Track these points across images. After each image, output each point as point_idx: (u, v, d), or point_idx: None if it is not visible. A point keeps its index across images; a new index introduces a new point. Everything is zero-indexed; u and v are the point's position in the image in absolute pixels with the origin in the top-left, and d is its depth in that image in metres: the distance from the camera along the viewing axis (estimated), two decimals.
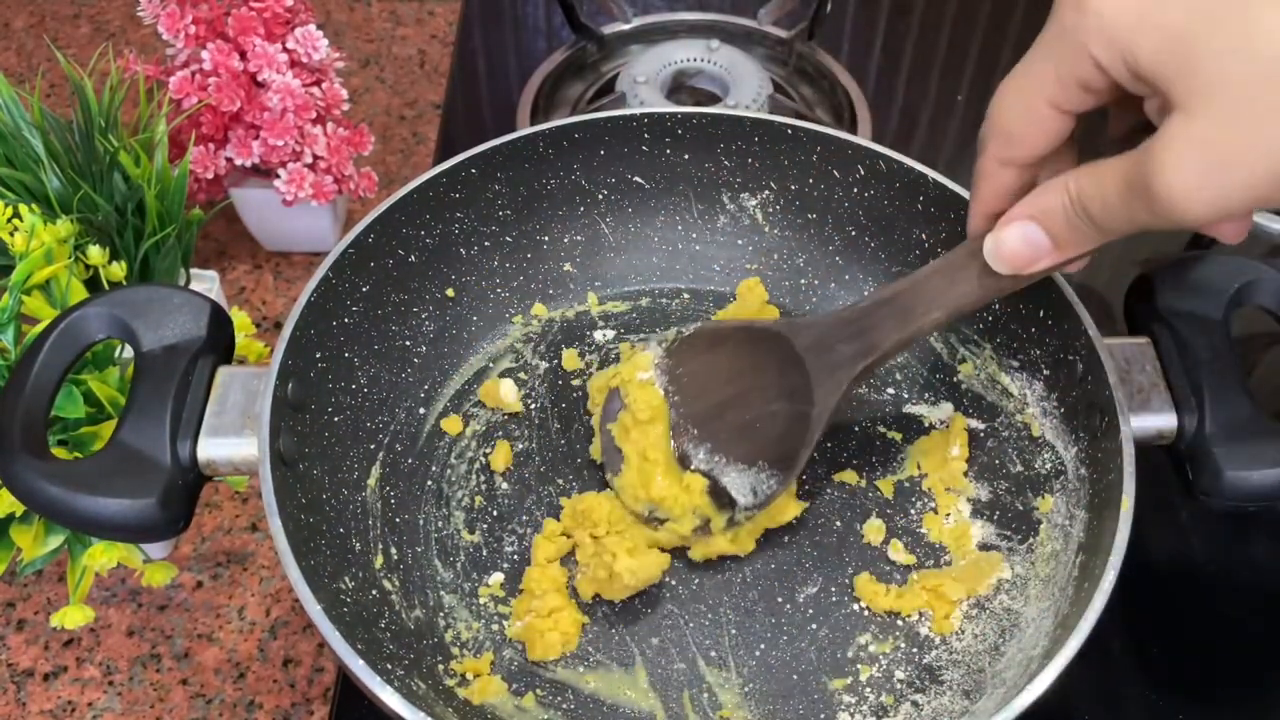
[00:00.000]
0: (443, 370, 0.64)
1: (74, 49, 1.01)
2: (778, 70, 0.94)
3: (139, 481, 0.47)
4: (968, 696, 0.51)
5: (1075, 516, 0.53)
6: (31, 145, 0.64)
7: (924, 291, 0.50)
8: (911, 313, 0.51)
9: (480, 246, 0.64)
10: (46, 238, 0.58)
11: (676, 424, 0.56)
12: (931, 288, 0.50)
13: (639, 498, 0.55)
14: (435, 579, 0.56)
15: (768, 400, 0.55)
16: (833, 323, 0.53)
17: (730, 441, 0.55)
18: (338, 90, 0.75)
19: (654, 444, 0.56)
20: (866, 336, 0.52)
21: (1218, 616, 0.63)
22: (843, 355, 0.52)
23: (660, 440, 0.56)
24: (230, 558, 0.67)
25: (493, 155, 0.62)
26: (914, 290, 0.51)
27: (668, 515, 0.55)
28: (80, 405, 0.54)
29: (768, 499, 0.54)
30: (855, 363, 0.52)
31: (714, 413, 0.56)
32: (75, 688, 0.62)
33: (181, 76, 0.72)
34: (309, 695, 0.61)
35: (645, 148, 0.65)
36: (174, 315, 0.51)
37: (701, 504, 0.54)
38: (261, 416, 0.49)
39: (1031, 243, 0.44)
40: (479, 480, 0.60)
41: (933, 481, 0.59)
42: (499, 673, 0.53)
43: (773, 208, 0.67)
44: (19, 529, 0.54)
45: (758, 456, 0.54)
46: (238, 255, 0.83)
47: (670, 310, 0.68)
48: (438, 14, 1.05)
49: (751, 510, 0.54)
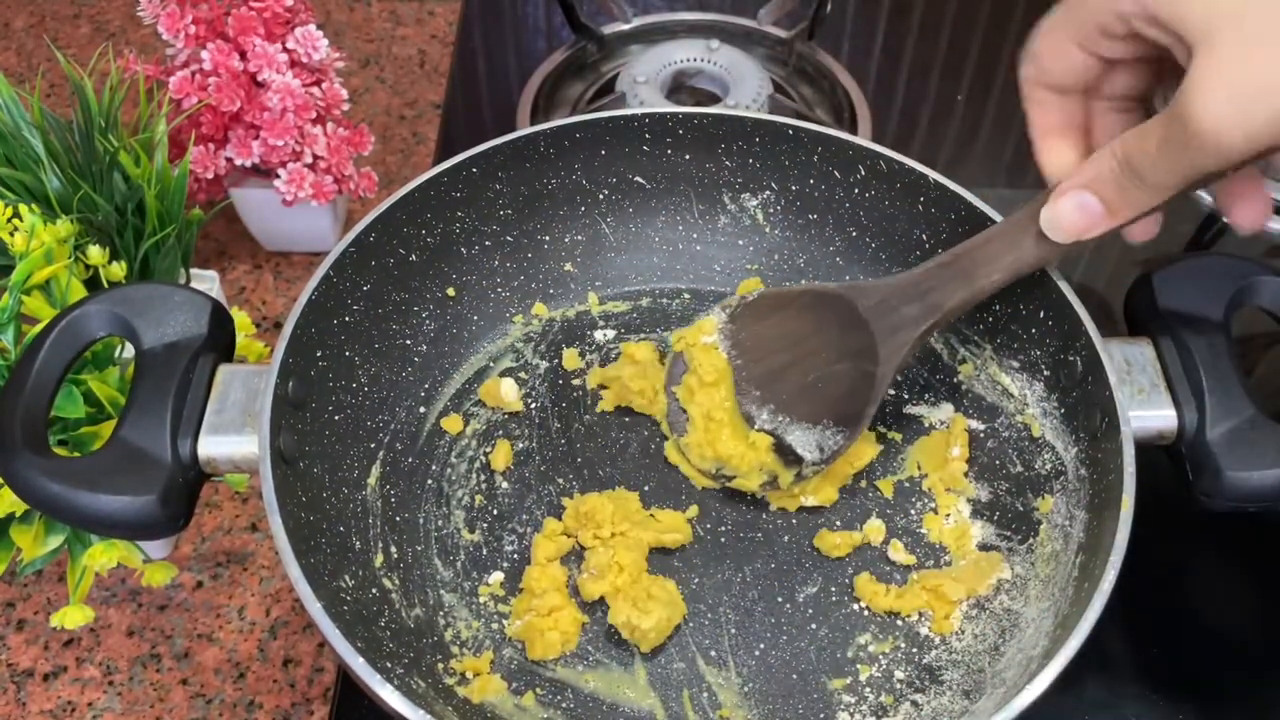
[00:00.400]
0: (443, 369, 0.64)
1: (74, 49, 1.01)
2: (778, 70, 0.94)
3: (139, 479, 0.47)
4: (968, 696, 0.51)
5: (1075, 517, 0.53)
6: (31, 145, 0.64)
7: (985, 254, 0.53)
8: (973, 275, 0.53)
9: (481, 246, 0.64)
10: (46, 238, 0.58)
11: (740, 386, 0.59)
12: (992, 251, 0.52)
13: (706, 456, 0.58)
14: (435, 578, 0.56)
15: (830, 361, 0.56)
16: (896, 285, 0.55)
17: (794, 402, 0.57)
18: (338, 90, 0.75)
19: (719, 405, 0.58)
20: (929, 297, 0.54)
21: (1218, 616, 0.63)
22: (906, 316, 0.54)
23: (725, 401, 0.58)
24: (230, 558, 0.67)
25: (494, 155, 0.62)
26: (975, 253, 0.53)
27: (735, 472, 0.57)
28: (80, 405, 0.54)
29: (834, 454, 0.56)
30: (919, 323, 0.54)
31: (777, 374, 0.58)
32: (75, 688, 0.62)
33: (181, 76, 0.72)
34: (309, 695, 0.61)
35: (646, 148, 0.65)
36: (175, 313, 0.51)
37: (768, 460, 0.57)
38: (262, 414, 0.49)
39: (1087, 210, 0.46)
40: (479, 479, 0.60)
41: (933, 482, 0.60)
42: (499, 671, 0.53)
43: (773, 208, 0.67)
44: (19, 529, 0.54)
45: (823, 415, 0.56)
46: (238, 255, 0.83)
47: (671, 310, 0.68)
48: (438, 14, 1.05)
49: (819, 465, 0.56)
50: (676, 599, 0.54)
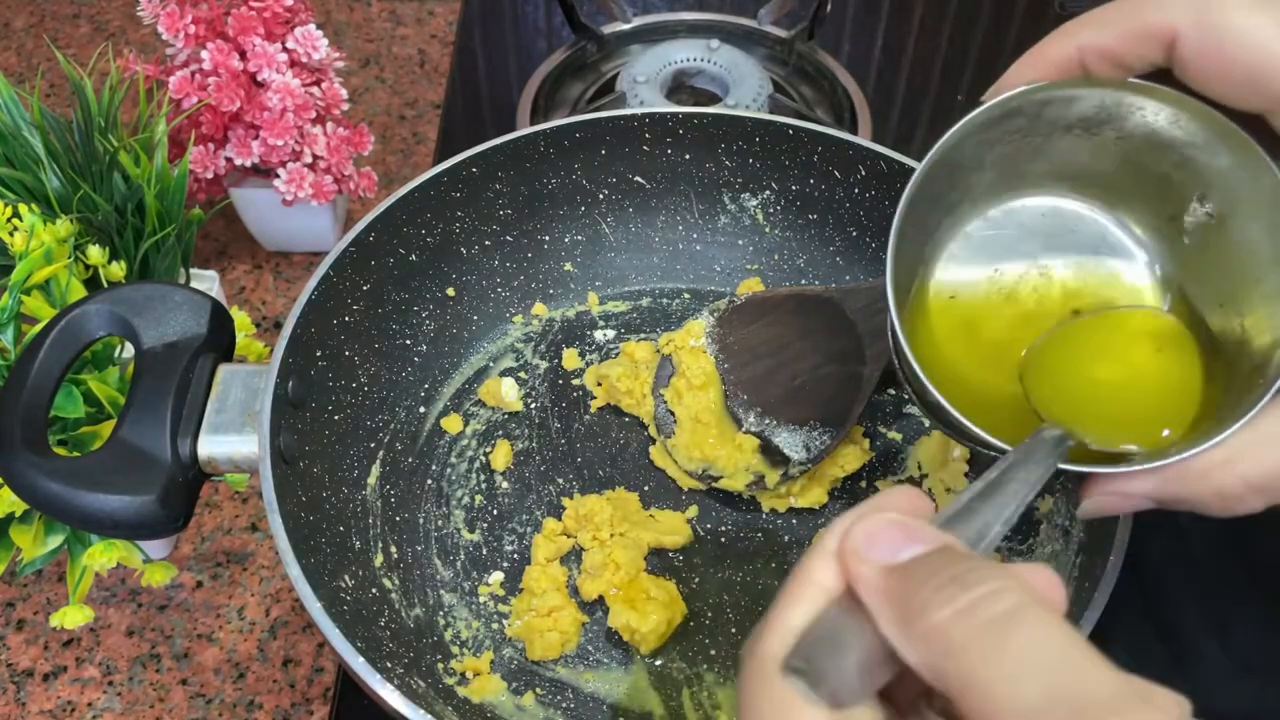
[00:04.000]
0: (443, 369, 0.64)
1: (74, 49, 1.00)
2: (778, 70, 0.94)
3: (139, 478, 0.47)
4: None
5: (1075, 516, 0.53)
6: (31, 145, 0.64)
7: None
8: None
9: (481, 246, 0.64)
10: (46, 238, 0.58)
11: (728, 388, 0.59)
12: None
13: (693, 457, 0.58)
14: (435, 578, 0.56)
15: (818, 364, 0.57)
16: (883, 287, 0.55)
17: (781, 404, 0.57)
18: (338, 90, 0.75)
19: (706, 407, 0.59)
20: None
21: (1217, 616, 0.63)
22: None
23: (713, 404, 0.59)
24: (230, 558, 0.67)
25: (494, 155, 0.62)
26: None
27: (721, 473, 0.57)
28: (80, 405, 0.54)
29: (821, 454, 0.56)
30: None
31: (764, 377, 0.58)
32: (75, 688, 0.62)
33: (181, 76, 0.72)
34: (309, 695, 0.61)
35: (646, 148, 0.65)
36: (175, 313, 0.51)
37: (754, 462, 0.57)
38: (262, 414, 0.49)
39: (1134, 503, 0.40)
40: (479, 479, 0.60)
41: (933, 482, 0.59)
42: (499, 671, 0.53)
43: (773, 208, 0.67)
44: (19, 529, 0.54)
45: (810, 416, 0.57)
46: (238, 255, 0.83)
47: (671, 310, 0.68)
48: (438, 14, 1.05)
49: (805, 465, 0.56)
50: (676, 599, 0.54)
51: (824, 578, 0.30)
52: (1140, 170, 0.41)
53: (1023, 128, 0.41)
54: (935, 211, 0.43)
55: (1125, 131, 0.40)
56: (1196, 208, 0.40)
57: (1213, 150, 0.38)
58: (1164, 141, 0.40)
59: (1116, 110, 0.40)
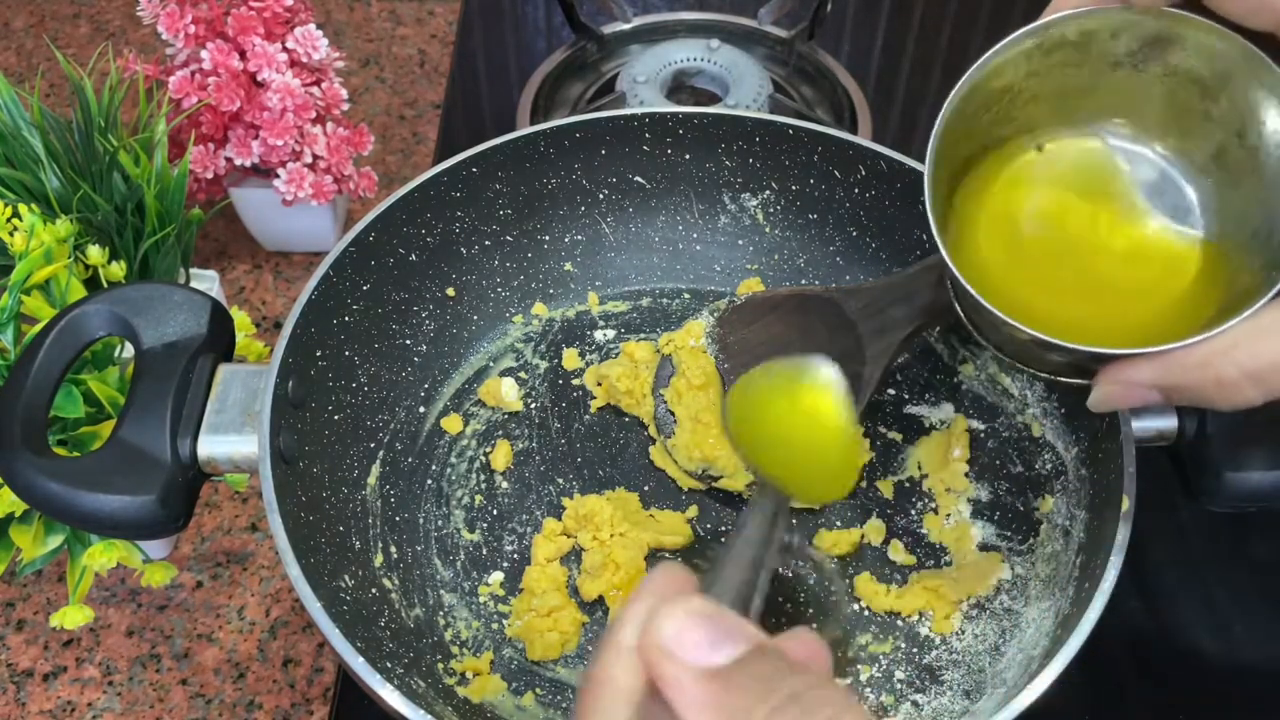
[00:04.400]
0: (443, 369, 0.64)
1: (74, 49, 1.00)
2: (778, 70, 0.94)
3: (139, 478, 0.47)
4: (968, 696, 0.51)
5: (1075, 516, 0.53)
6: (31, 145, 0.64)
7: None
8: None
9: (481, 245, 0.64)
10: (46, 237, 0.58)
11: (727, 389, 0.59)
12: None
13: (693, 457, 0.58)
14: (435, 578, 0.56)
15: None
16: (883, 287, 0.55)
17: None
18: (337, 90, 0.75)
19: (706, 408, 0.58)
20: (916, 299, 0.54)
21: (1218, 616, 0.63)
22: (894, 317, 0.54)
23: (713, 404, 0.59)
24: (230, 558, 0.67)
25: (494, 154, 0.62)
26: None
27: (721, 473, 0.58)
28: (80, 405, 0.54)
29: None
30: (907, 324, 0.54)
31: None
32: (75, 688, 0.62)
33: (181, 76, 0.72)
34: (309, 695, 0.61)
35: (646, 148, 0.65)
36: (175, 313, 0.51)
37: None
38: (262, 414, 0.49)
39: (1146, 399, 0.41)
40: (479, 479, 0.60)
41: (933, 482, 0.59)
42: (499, 671, 0.53)
43: (774, 208, 0.67)
44: (19, 529, 0.54)
45: None
46: (238, 255, 0.83)
47: (671, 310, 0.68)
48: (438, 14, 1.05)
49: None
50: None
51: (624, 679, 0.27)
52: (1185, 109, 0.42)
53: (1071, 60, 0.43)
54: (977, 143, 0.46)
55: (1170, 66, 0.42)
56: (1236, 143, 0.41)
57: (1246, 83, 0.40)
58: (1204, 76, 0.41)
59: (1159, 44, 0.41)
